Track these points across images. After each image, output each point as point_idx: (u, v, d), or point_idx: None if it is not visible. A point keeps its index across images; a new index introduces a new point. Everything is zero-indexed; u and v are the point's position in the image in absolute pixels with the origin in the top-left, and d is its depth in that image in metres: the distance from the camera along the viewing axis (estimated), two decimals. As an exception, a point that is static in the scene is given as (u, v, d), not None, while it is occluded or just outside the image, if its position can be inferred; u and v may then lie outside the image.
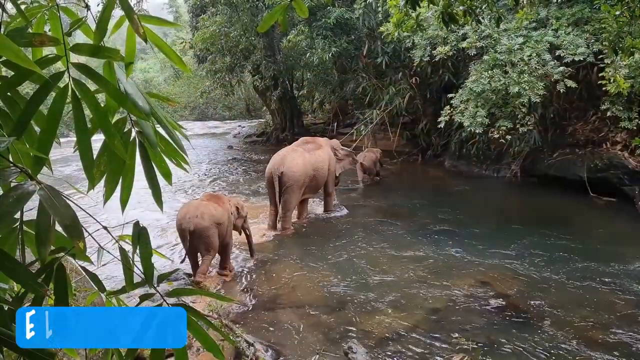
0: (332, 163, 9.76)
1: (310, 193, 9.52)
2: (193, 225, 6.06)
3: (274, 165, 8.72)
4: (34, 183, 1.11)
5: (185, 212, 6.25)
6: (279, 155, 8.94)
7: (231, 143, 21.90)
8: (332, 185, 9.94)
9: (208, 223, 6.16)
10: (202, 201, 6.53)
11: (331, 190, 9.95)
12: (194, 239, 6.14)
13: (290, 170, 8.62)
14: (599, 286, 6.17)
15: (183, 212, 6.28)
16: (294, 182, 8.65)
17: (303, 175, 8.78)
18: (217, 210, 6.36)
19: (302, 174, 8.75)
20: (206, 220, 6.15)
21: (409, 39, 12.14)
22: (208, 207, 6.32)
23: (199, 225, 6.09)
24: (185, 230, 6.08)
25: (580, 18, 10.23)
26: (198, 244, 6.23)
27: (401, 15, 5.50)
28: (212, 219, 6.22)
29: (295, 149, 9.25)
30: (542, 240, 7.78)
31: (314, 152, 9.29)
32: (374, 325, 5.31)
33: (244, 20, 17.36)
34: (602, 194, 10.23)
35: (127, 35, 1.50)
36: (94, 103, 1.32)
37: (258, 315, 5.65)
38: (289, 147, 9.44)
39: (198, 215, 6.13)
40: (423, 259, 7.22)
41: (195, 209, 6.24)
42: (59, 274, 1.27)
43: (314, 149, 9.41)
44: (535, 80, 9.55)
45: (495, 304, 5.74)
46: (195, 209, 6.22)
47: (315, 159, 9.16)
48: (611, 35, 6.80)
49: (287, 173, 8.59)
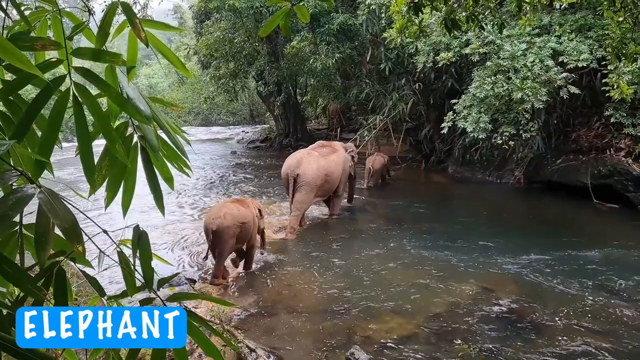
0: (346, 167, 9.98)
1: (321, 196, 9.73)
2: (215, 225, 6.37)
3: (290, 167, 9.06)
4: (33, 186, 1.11)
5: (211, 213, 6.66)
6: (294, 158, 9.23)
7: (235, 148, 21.93)
8: (342, 188, 10.11)
9: (230, 223, 6.44)
10: (226, 203, 6.92)
11: (340, 193, 10.12)
12: (215, 238, 6.44)
13: (305, 173, 8.93)
14: (603, 293, 6.14)
15: (209, 213, 6.70)
16: (308, 185, 8.94)
17: (317, 179, 9.04)
18: (241, 211, 6.68)
19: (316, 177, 9.02)
20: (228, 220, 6.44)
21: (412, 45, 12.15)
22: (231, 208, 6.63)
23: (221, 225, 6.38)
24: (209, 230, 6.41)
25: (583, 24, 10.23)
26: (217, 243, 6.50)
27: (404, 22, 5.50)
28: (234, 219, 6.50)
29: (311, 152, 9.51)
30: (545, 247, 7.76)
31: (328, 156, 9.52)
32: (376, 331, 5.29)
33: (248, 26, 17.41)
34: (605, 201, 10.19)
35: (129, 39, 1.51)
36: (95, 107, 1.32)
37: (260, 320, 5.63)
38: (305, 150, 9.72)
39: (221, 216, 6.45)
40: (425, 264, 7.20)
41: (219, 210, 6.59)
42: (59, 278, 1.27)
43: (329, 153, 9.65)
44: (538, 86, 9.55)
45: (498, 310, 5.72)
46: (219, 210, 6.57)
47: (329, 164, 9.39)
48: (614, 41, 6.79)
49: (302, 176, 8.91)
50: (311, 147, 9.92)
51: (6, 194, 1.10)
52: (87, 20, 1.57)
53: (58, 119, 1.29)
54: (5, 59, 1.12)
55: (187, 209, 10.91)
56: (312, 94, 21.62)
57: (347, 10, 15.86)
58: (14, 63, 1.11)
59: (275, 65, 17.99)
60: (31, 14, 1.60)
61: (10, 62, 1.12)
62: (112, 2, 1.45)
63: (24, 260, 1.28)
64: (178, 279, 6.48)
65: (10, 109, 1.45)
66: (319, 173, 9.07)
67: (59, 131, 1.32)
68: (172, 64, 1.59)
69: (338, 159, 9.70)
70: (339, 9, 15.79)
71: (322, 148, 9.84)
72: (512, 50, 10.05)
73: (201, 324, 1.39)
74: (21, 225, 1.28)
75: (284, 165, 9.27)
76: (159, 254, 1.68)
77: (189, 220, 9.95)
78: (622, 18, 5.37)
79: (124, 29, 1.51)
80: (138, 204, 5.70)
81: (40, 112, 1.30)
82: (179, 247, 8.22)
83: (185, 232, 9.10)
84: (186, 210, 10.85)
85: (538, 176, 12.06)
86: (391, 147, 15.77)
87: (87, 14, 1.66)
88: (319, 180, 9.07)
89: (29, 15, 1.58)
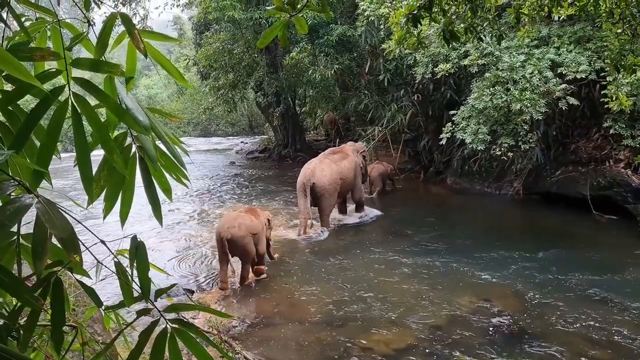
0: (358, 169, 10.74)
1: (340, 198, 10.49)
2: (230, 234, 6.65)
3: (305, 177, 9.61)
4: (31, 196, 1.11)
5: (224, 222, 6.89)
6: (309, 169, 9.80)
7: (233, 159, 21.93)
8: (360, 190, 10.96)
9: (244, 233, 6.74)
10: (240, 213, 7.15)
11: (359, 195, 10.90)
12: (231, 247, 6.70)
13: (320, 182, 9.57)
14: (602, 304, 6.12)
15: (222, 222, 6.94)
16: (326, 192, 9.66)
17: (333, 184, 9.75)
18: (253, 221, 7.01)
19: (331, 183, 9.73)
20: (242, 230, 6.73)
21: (410, 57, 12.21)
22: (245, 218, 6.94)
23: (236, 234, 6.67)
24: (223, 239, 6.65)
25: (582, 36, 10.28)
26: (235, 252, 6.80)
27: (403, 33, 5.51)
28: (248, 229, 6.81)
29: (323, 160, 10.19)
30: (544, 258, 7.75)
31: (340, 162, 10.22)
32: (375, 342, 5.27)
33: (247, 37, 17.50)
34: (605, 212, 10.18)
35: (128, 50, 1.51)
36: (94, 117, 1.32)
37: (258, 331, 5.61)
38: (317, 159, 10.31)
39: (235, 225, 6.73)
40: (424, 275, 7.19)
41: (233, 220, 6.86)
42: (56, 288, 1.26)
43: (340, 159, 10.34)
44: (537, 97, 9.57)
45: (497, 322, 5.70)
46: (233, 220, 6.84)
47: (342, 169, 10.10)
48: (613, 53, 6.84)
49: (318, 184, 9.54)
50: (323, 155, 10.60)
51: (4, 204, 1.09)
52: (86, 31, 1.58)
53: (57, 129, 1.29)
54: (4, 69, 1.12)
55: (186, 219, 10.90)
56: (311, 104, 21.67)
57: (345, 21, 15.93)
58: (13, 73, 1.11)
59: (274, 76, 18.05)
60: (31, 25, 1.60)
61: (10, 73, 1.12)
62: (111, 13, 1.46)
63: (21, 270, 1.27)
64: (176, 290, 6.47)
65: (9, 119, 1.45)
66: (333, 179, 9.74)
67: (58, 141, 1.32)
68: (171, 74, 1.59)
69: (349, 163, 10.36)
70: (337, 21, 15.86)
71: (334, 155, 10.52)
72: (510, 61, 10.09)
73: (198, 335, 1.39)
74: (19, 235, 1.28)
75: (300, 175, 9.80)
76: (156, 264, 1.67)
77: (186, 230, 9.94)
78: (621, 30, 5.40)
79: (123, 39, 1.52)
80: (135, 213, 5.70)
81: (39, 122, 1.30)
82: (177, 257, 8.20)
83: (183, 242, 9.10)
84: (184, 220, 10.83)
85: (537, 187, 12.05)
86: (390, 158, 15.75)
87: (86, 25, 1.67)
88: (335, 185, 9.79)
89: (29, 26, 1.59)
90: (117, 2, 16.82)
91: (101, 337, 3.59)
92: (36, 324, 1.35)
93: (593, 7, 5.40)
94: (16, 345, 1.36)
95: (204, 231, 9.83)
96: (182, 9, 19.63)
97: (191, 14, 22.25)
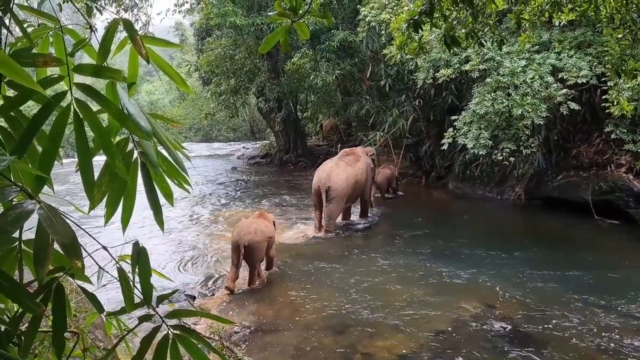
0: (369, 172, 10.78)
1: (350, 202, 10.52)
2: (247, 241, 6.77)
3: (321, 180, 9.77)
4: (33, 202, 1.11)
5: (240, 229, 6.99)
6: (324, 171, 9.93)
7: (235, 164, 21.94)
8: (370, 193, 11.04)
9: (260, 238, 6.91)
10: (254, 219, 7.24)
11: (367, 198, 10.97)
12: (247, 253, 6.82)
13: (336, 185, 9.71)
14: (604, 310, 6.10)
15: (238, 229, 7.04)
16: (339, 196, 9.75)
17: (347, 188, 9.86)
18: (268, 226, 7.23)
19: (346, 187, 9.84)
20: (259, 236, 6.90)
21: (412, 62, 12.23)
22: (259, 224, 7.10)
23: (252, 240, 6.81)
24: (240, 246, 6.76)
25: (582, 41, 10.30)
26: (251, 258, 6.92)
27: (404, 38, 5.53)
28: (263, 234, 7.00)
29: (338, 162, 10.27)
30: (547, 263, 7.73)
31: (354, 165, 10.29)
32: (378, 348, 5.25)
33: (248, 43, 17.52)
34: (606, 217, 10.16)
35: (130, 56, 1.52)
36: (96, 123, 1.32)
37: (260, 337, 5.60)
38: (331, 162, 10.42)
39: (251, 231, 6.87)
40: (426, 280, 7.17)
41: (248, 226, 6.98)
42: (58, 294, 1.26)
43: (354, 161, 10.40)
44: (538, 102, 9.58)
45: (499, 327, 5.68)
46: (249, 227, 6.96)
47: (357, 172, 10.19)
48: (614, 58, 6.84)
49: (334, 187, 9.69)
50: (337, 157, 10.66)
51: (6, 210, 1.09)
52: (88, 37, 1.58)
53: (58, 135, 1.29)
54: (7, 75, 1.12)
55: (187, 224, 10.90)
56: (312, 110, 21.67)
57: (347, 27, 15.96)
58: (15, 79, 1.11)
59: (275, 81, 18.08)
60: (33, 31, 1.61)
61: (12, 78, 1.13)
62: (113, 19, 1.46)
63: (23, 276, 1.27)
64: (177, 296, 6.46)
65: (12, 125, 1.45)
66: (348, 183, 9.86)
67: (60, 147, 1.32)
68: (173, 80, 1.60)
69: (363, 166, 10.45)
70: (339, 26, 15.90)
71: (347, 157, 10.54)
72: (511, 66, 10.10)
73: (199, 341, 1.38)
74: (20, 241, 1.28)
75: (315, 178, 9.97)
76: (158, 270, 1.67)
77: (187, 235, 9.94)
78: (622, 35, 5.41)
79: (125, 45, 1.52)
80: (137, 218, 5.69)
81: (41, 127, 1.30)
82: (178, 262, 8.20)
83: (183, 247, 9.09)
84: (185, 225, 10.83)
85: (539, 192, 12.04)
86: (391, 163, 15.76)
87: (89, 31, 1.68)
88: (349, 189, 9.90)
89: (31, 32, 1.59)
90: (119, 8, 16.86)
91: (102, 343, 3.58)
92: (37, 330, 1.35)
93: (594, 13, 5.41)
94: (17, 351, 1.36)
95: (205, 236, 9.83)
96: (184, 15, 19.64)
97: (193, 20, 22.27)
